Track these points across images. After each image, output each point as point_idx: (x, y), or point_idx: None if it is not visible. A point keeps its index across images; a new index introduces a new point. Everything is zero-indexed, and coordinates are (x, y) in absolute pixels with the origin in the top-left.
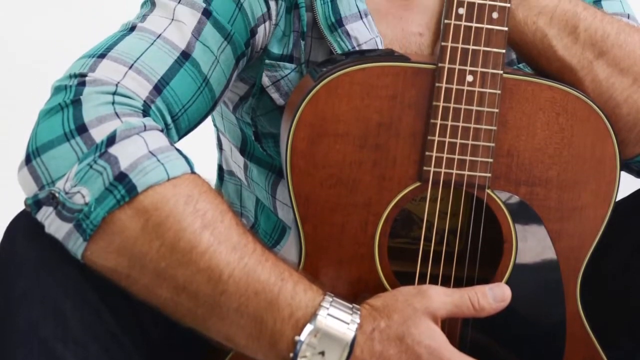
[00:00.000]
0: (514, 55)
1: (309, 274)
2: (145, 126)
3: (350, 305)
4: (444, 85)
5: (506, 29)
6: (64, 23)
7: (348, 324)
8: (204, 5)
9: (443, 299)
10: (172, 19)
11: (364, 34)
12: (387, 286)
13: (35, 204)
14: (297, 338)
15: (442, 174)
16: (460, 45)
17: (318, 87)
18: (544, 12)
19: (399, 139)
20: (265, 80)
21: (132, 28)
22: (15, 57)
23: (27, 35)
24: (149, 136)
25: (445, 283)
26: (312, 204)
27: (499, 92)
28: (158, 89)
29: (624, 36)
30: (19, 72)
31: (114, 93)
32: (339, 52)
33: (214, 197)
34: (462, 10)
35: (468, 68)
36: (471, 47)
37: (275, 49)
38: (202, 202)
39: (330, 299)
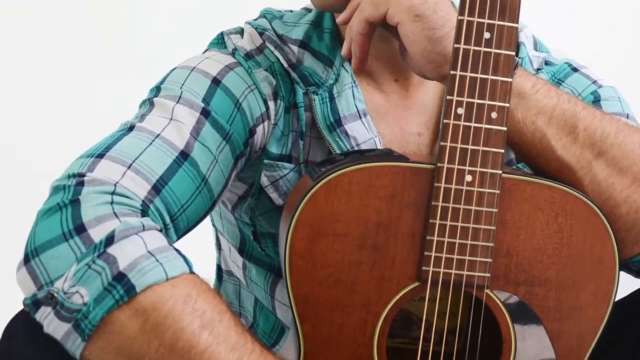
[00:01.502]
0: (513, 155)
1: None
2: (143, 226)
3: None
4: (442, 185)
5: (505, 128)
6: (63, 122)
7: None
8: (202, 105)
9: None
10: (171, 119)
11: (362, 133)
12: None
13: (33, 304)
14: None
15: (441, 273)
16: (459, 145)
17: (317, 186)
18: (543, 111)
19: (398, 239)
20: (264, 180)
21: (131, 128)
22: (15, 155)
23: (26, 136)
24: (148, 236)
25: None
26: (311, 304)
27: (497, 192)
28: (157, 188)
29: (623, 136)
30: (18, 172)
31: (113, 193)
32: (338, 151)
33: (213, 296)
34: (461, 110)
35: (467, 168)
36: (470, 146)
37: (274, 149)
38: (200, 302)
39: None
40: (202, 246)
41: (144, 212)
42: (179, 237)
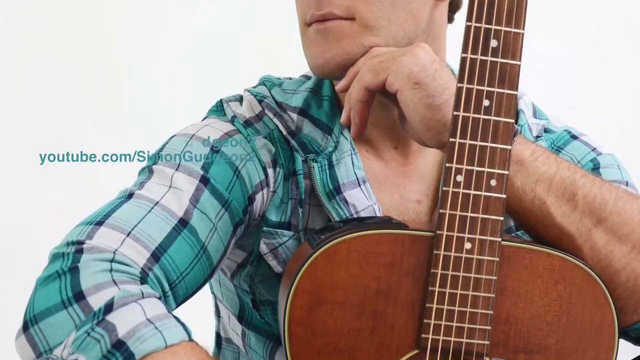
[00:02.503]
0: (512, 222)
1: None
2: (142, 294)
3: None
4: (442, 252)
5: (504, 196)
6: (62, 189)
7: None
8: (201, 172)
9: None
10: (170, 186)
11: (362, 201)
12: None
13: None
14: None
15: (440, 341)
16: (458, 213)
17: (316, 254)
18: (542, 179)
19: (397, 306)
20: (263, 248)
21: (130, 195)
22: (14, 222)
23: (25, 202)
24: (147, 304)
25: None
26: None
27: (497, 259)
28: (156, 256)
29: (623, 203)
30: (17, 239)
31: (112, 260)
32: (337, 219)
33: None
34: (460, 178)
35: (466, 235)
36: (469, 214)
37: (273, 216)
38: None
39: None
40: (201, 314)
41: (143, 280)
42: (178, 305)
